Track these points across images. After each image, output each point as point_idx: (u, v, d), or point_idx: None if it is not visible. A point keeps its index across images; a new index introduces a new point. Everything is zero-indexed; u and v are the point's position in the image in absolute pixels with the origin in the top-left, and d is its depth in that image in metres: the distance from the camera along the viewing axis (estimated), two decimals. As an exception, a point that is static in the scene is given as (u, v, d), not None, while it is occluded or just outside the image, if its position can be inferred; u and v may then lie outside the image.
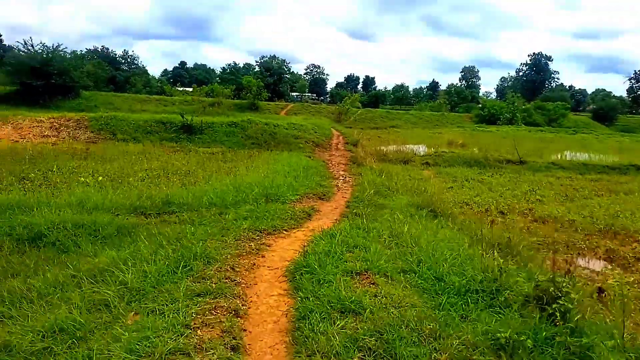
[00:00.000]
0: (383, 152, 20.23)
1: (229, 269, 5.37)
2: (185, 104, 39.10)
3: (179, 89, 73.85)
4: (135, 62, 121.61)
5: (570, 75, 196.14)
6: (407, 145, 27.76)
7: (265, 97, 46.13)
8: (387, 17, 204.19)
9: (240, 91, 47.54)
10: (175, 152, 17.82)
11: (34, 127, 20.50)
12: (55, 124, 20.97)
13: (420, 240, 6.45)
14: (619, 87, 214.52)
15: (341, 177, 14.03)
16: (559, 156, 23.98)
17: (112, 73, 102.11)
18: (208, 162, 15.47)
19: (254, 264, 5.72)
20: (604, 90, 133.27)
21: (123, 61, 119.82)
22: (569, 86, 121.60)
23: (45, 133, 20.05)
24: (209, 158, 16.47)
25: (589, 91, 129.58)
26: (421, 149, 24.93)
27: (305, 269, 5.19)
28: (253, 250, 6.19)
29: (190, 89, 61.86)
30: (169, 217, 8.22)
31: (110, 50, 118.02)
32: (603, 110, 74.89)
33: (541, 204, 13.13)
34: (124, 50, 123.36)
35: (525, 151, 26.19)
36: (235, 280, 5.06)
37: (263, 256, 6.07)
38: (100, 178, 11.44)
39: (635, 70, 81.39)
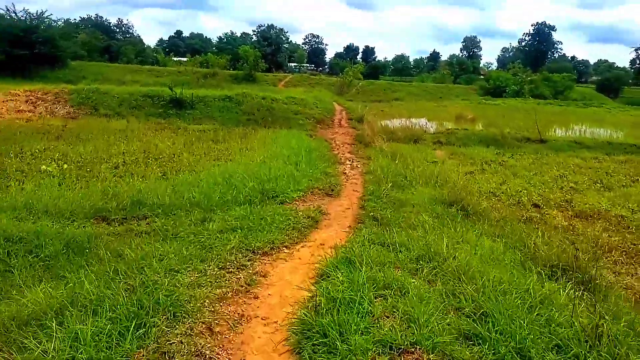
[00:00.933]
0: (390, 130, 18.30)
1: (204, 330, 3.60)
2: (179, 75, 36.80)
3: (174, 59, 70.96)
4: (130, 31, 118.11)
5: (572, 45, 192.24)
6: (414, 120, 25.82)
7: (262, 67, 43.61)
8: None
9: (236, 62, 44.96)
10: (162, 130, 15.88)
11: (8, 100, 18.45)
12: (31, 97, 18.91)
13: (469, 270, 4.68)
14: (621, 57, 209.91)
15: (348, 162, 12.20)
16: (580, 132, 22.11)
17: (107, 42, 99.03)
18: (197, 143, 13.59)
19: (242, 315, 3.95)
20: (607, 61, 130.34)
21: (118, 30, 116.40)
22: (571, 57, 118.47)
23: (20, 108, 18.02)
24: (199, 137, 14.56)
25: (591, 62, 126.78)
26: (430, 125, 23.01)
27: (317, 335, 3.42)
28: (242, 286, 4.43)
29: (185, 59, 59.17)
30: (138, 224, 6.41)
31: (104, 19, 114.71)
32: (608, 81, 72.68)
33: (577, 193, 11.34)
34: (118, 18, 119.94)
35: (539, 127, 24.37)
36: (211, 356, 3.29)
37: (256, 297, 4.31)
38: (66, 166, 9.55)
39: (642, 41, 78.26)
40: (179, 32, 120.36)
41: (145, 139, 13.81)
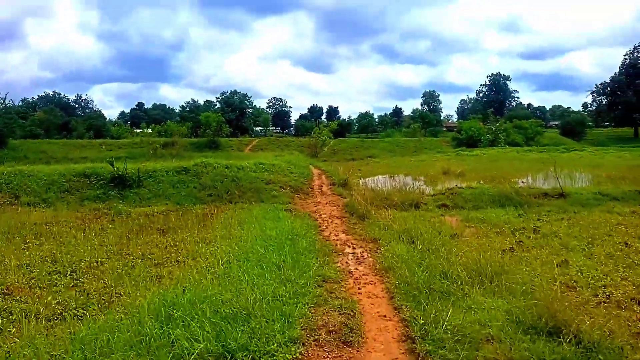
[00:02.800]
0: (383, 194, 14.95)
1: None
2: (134, 147, 33.17)
3: (137, 130, 67.38)
4: (90, 106, 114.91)
5: (521, 94, 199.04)
6: (401, 178, 22.79)
7: (226, 132, 40.38)
8: (340, 49, 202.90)
9: (198, 128, 41.68)
10: (97, 219, 12.07)
11: None
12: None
13: None
14: (567, 102, 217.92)
15: (349, 249, 8.67)
16: (587, 181, 19.42)
17: (65, 119, 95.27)
18: (138, 236, 9.84)
19: None
20: (561, 106, 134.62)
21: (77, 106, 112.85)
22: (527, 104, 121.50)
23: None
24: (142, 227, 10.80)
25: (547, 108, 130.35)
26: (421, 184, 19.93)
27: None
28: None
29: (150, 130, 55.66)
30: None
31: (62, 95, 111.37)
32: (571, 125, 73.04)
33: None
34: (77, 94, 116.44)
35: (537, 177, 21.69)
36: None
37: None
38: None
39: (596, 84, 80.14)
40: (140, 104, 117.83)
41: (66, 237, 9.93)
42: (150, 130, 56.67)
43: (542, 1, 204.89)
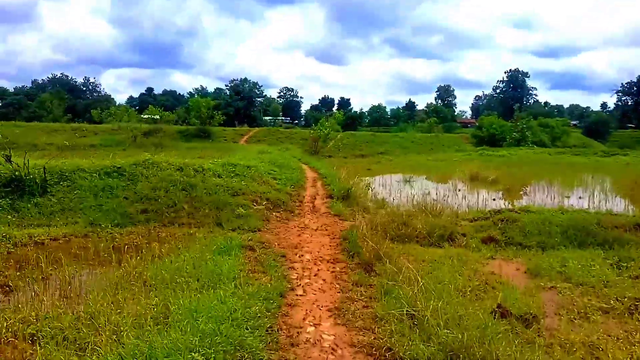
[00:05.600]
0: (402, 217, 9.97)
1: None
2: (112, 133, 28.42)
3: (144, 116, 62.74)
4: (98, 89, 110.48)
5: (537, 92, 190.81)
6: (418, 180, 17.82)
7: (219, 120, 35.16)
8: (351, 41, 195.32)
9: (188, 114, 36.50)
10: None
11: None
12: None
13: None
14: (581, 101, 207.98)
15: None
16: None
17: (72, 102, 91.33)
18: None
19: None
20: (579, 105, 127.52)
21: (84, 89, 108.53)
22: (544, 102, 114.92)
23: None
24: (21, 268, 6.09)
25: (565, 107, 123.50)
26: (450, 195, 14.94)
27: None
28: None
29: (158, 116, 50.86)
30: None
31: (70, 78, 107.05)
32: (594, 125, 67.21)
33: None
34: (85, 77, 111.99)
35: (590, 190, 16.59)
36: None
37: None
38: None
39: (622, 83, 74.10)
40: (149, 89, 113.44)
41: None
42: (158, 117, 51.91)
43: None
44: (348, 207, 11.40)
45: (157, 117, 33.79)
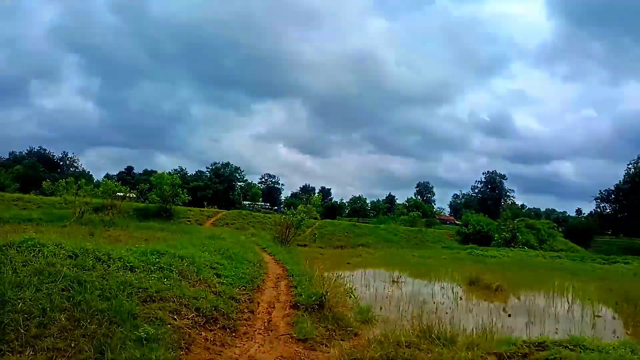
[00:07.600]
0: (401, 352, 6.37)
1: None
2: (58, 207, 24.52)
3: (119, 194, 58.90)
4: (75, 164, 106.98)
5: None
6: (407, 282, 14.24)
7: (184, 199, 31.34)
8: (333, 136, 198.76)
9: (149, 191, 32.60)
10: None
11: None
12: None
13: None
14: (554, 206, 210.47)
15: None
16: None
17: (46, 175, 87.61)
18: None
19: None
20: (555, 210, 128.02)
21: (61, 163, 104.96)
22: (522, 205, 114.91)
23: None
24: None
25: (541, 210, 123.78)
26: (451, 303, 11.36)
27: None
28: None
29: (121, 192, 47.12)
30: None
31: (48, 151, 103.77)
32: (577, 230, 65.50)
33: None
34: (64, 152, 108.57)
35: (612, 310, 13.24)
36: None
37: None
38: None
39: (600, 190, 74.07)
40: (129, 168, 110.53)
41: None
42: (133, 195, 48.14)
43: (525, 111, 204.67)
44: (320, 323, 7.75)
45: (120, 193, 30.29)
